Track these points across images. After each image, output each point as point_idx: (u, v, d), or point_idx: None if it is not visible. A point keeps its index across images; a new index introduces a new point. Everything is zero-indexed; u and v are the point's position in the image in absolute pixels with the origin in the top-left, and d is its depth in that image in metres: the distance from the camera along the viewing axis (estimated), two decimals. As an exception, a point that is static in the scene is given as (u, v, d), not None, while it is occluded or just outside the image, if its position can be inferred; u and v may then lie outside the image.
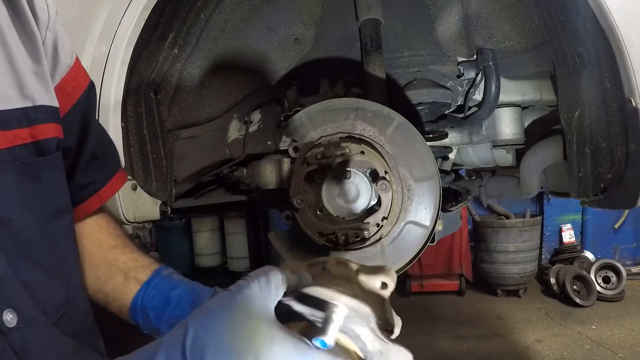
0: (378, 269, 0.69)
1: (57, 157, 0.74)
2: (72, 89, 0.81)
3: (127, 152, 1.35)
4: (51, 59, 0.77)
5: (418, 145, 1.42)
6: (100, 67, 1.31)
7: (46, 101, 0.71)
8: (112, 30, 1.30)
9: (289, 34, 1.73)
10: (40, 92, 0.70)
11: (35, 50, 0.72)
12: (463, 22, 1.75)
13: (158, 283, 0.84)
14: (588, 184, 1.47)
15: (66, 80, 0.80)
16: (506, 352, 4.08)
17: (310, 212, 1.38)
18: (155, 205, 1.44)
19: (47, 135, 0.71)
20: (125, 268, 0.87)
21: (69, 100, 0.80)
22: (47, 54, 0.75)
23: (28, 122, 0.68)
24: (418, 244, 1.42)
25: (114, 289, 0.86)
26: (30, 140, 0.68)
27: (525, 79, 1.95)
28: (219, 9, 1.55)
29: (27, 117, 0.67)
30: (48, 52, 0.76)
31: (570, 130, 1.53)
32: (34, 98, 0.69)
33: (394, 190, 1.37)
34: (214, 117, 1.70)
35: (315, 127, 1.45)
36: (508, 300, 5.46)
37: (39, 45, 0.73)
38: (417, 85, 1.84)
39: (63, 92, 0.78)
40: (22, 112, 0.67)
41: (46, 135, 0.70)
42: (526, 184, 2.20)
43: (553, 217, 6.33)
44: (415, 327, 4.63)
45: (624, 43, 1.16)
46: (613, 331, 4.37)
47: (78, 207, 0.86)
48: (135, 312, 0.83)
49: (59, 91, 0.76)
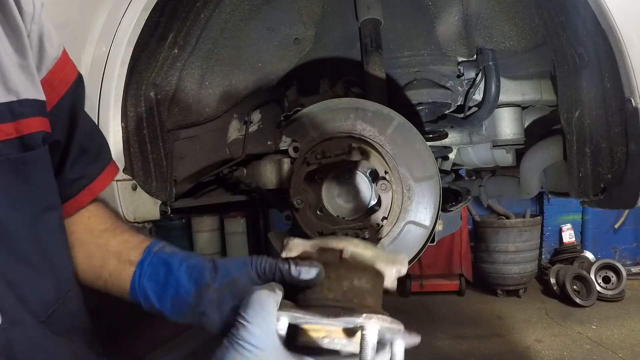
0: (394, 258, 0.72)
1: (44, 152, 0.73)
2: (59, 81, 0.80)
3: (127, 152, 1.35)
4: (37, 51, 0.75)
5: (418, 145, 1.42)
6: (100, 67, 1.31)
7: (31, 95, 0.70)
8: (112, 30, 1.30)
9: (289, 34, 1.73)
10: (25, 86, 0.69)
11: (19, 44, 0.71)
12: (463, 22, 1.74)
13: (151, 262, 0.81)
14: (588, 184, 1.47)
15: (53, 73, 0.78)
16: (506, 352, 4.08)
17: (310, 212, 1.38)
18: (155, 205, 1.44)
19: (33, 130, 0.69)
20: (117, 251, 0.85)
21: (56, 94, 0.79)
22: (32, 47, 0.74)
23: (12, 117, 0.67)
24: (418, 244, 1.42)
25: (111, 274, 0.84)
26: (15, 135, 0.67)
27: (525, 79, 1.95)
28: (219, 9, 1.55)
29: (12, 111, 0.67)
30: (33, 45, 0.74)
31: (570, 130, 1.53)
32: (19, 92, 0.68)
33: (394, 190, 1.37)
34: (214, 117, 1.69)
35: (315, 127, 1.45)
36: (508, 300, 5.46)
37: (24, 38, 0.71)
38: (417, 85, 1.84)
39: (50, 85, 0.77)
40: (6, 107, 0.66)
41: (31, 129, 0.69)
42: (526, 184, 2.20)
43: (553, 217, 6.33)
44: (415, 327, 4.60)
45: (624, 43, 1.16)
46: (613, 331, 4.37)
47: (69, 202, 0.84)
48: (135, 294, 0.81)
49: (45, 84, 0.75)
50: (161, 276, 0.79)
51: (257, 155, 1.66)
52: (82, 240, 0.87)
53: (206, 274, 0.76)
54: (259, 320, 0.59)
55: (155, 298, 0.78)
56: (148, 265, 0.81)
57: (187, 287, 0.76)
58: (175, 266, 0.78)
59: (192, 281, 0.77)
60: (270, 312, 0.61)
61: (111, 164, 0.94)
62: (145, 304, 0.80)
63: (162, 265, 0.80)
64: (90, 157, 0.88)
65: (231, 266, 0.76)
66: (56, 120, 0.78)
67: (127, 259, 0.83)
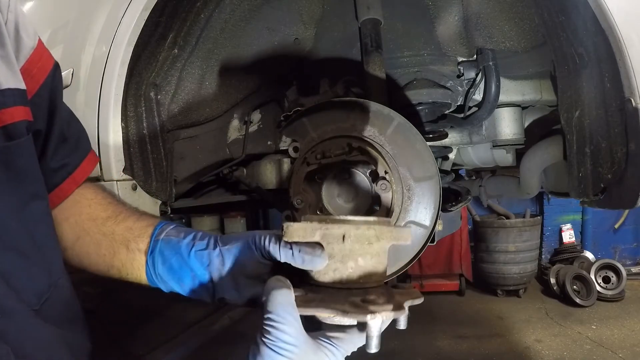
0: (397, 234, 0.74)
1: (28, 141, 0.73)
2: (38, 70, 0.79)
3: (127, 152, 1.35)
4: (14, 40, 0.75)
5: (418, 145, 1.42)
6: (100, 67, 1.31)
7: (12, 84, 0.70)
8: (112, 30, 1.30)
9: (289, 34, 1.73)
10: (5, 76, 0.69)
11: None
12: (463, 22, 1.74)
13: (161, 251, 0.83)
14: (588, 184, 1.47)
15: (31, 62, 0.78)
16: (506, 352, 4.08)
17: (310, 212, 1.38)
18: (155, 205, 1.44)
19: (16, 119, 0.69)
20: (124, 240, 0.86)
21: (35, 82, 0.78)
22: (9, 36, 0.73)
23: None
24: (418, 244, 1.42)
25: (124, 263, 0.85)
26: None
27: (525, 79, 1.95)
28: (219, 9, 1.55)
29: None
30: (11, 34, 0.74)
31: (570, 130, 1.53)
32: (0, 82, 0.67)
33: (394, 190, 1.37)
34: (214, 117, 1.69)
35: (315, 127, 1.45)
36: (508, 300, 5.46)
37: (2, 28, 0.71)
38: (417, 85, 1.84)
39: (28, 74, 0.77)
40: None
41: (15, 118, 0.69)
42: (526, 184, 2.20)
43: (553, 217, 6.34)
44: (415, 327, 4.63)
45: (624, 43, 1.16)
46: (613, 331, 4.37)
47: (53, 192, 0.85)
48: (153, 281, 0.84)
49: (24, 73, 0.75)
50: (175, 265, 0.81)
51: (257, 155, 1.66)
52: (87, 229, 0.87)
53: (215, 260, 0.79)
54: (290, 319, 0.62)
55: (176, 285, 0.82)
56: (159, 255, 0.83)
57: (202, 276, 0.80)
58: (185, 254, 0.81)
59: (204, 267, 0.80)
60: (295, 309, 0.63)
61: (91, 153, 0.94)
62: (166, 289, 0.84)
63: (173, 253, 0.82)
64: (71, 145, 0.88)
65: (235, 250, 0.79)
66: (37, 109, 0.78)
67: (136, 247, 0.84)
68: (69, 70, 1.39)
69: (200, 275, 0.80)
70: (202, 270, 0.80)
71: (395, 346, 4.12)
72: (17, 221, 0.69)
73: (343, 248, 0.70)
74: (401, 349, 4.10)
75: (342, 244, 0.70)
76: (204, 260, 0.80)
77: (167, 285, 0.83)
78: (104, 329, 3.60)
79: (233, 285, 0.79)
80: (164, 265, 0.82)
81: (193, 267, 0.80)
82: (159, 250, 0.83)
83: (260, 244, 0.76)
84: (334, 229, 0.70)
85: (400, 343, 4.18)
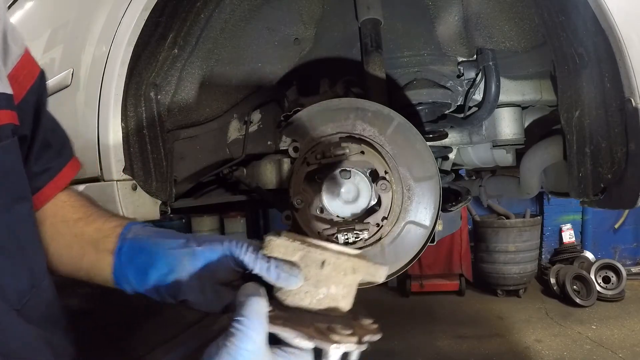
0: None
1: (14, 143, 0.73)
2: (24, 76, 0.80)
3: (127, 152, 1.35)
4: (2, 48, 0.76)
5: (418, 145, 1.42)
6: (100, 67, 1.31)
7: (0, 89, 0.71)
8: (112, 30, 1.30)
9: (289, 34, 1.73)
10: None
11: None
12: (463, 22, 1.74)
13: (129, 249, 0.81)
14: (588, 184, 1.47)
15: (18, 69, 0.79)
16: (506, 352, 4.08)
17: (310, 212, 1.38)
18: (155, 205, 1.44)
19: (2, 122, 0.70)
20: (93, 240, 0.85)
21: (22, 88, 0.79)
22: None
23: None
24: (418, 244, 1.42)
25: (91, 264, 0.84)
26: None
27: (525, 79, 1.95)
28: (219, 9, 1.55)
29: None
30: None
31: (570, 130, 1.53)
32: None
33: (394, 190, 1.37)
34: (214, 117, 1.69)
35: (315, 127, 1.45)
36: (508, 300, 5.46)
37: None
38: (417, 85, 1.84)
39: (16, 80, 0.78)
40: None
41: (2, 121, 0.70)
42: (526, 184, 2.20)
43: (553, 217, 6.34)
44: (415, 327, 4.63)
45: (624, 43, 1.16)
46: (613, 331, 4.37)
47: (35, 196, 0.85)
48: (119, 282, 0.82)
49: (11, 79, 0.76)
50: (140, 264, 0.79)
51: (257, 155, 1.66)
52: (60, 231, 0.87)
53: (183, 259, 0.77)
54: (259, 329, 0.61)
55: (140, 286, 0.80)
56: (126, 254, 0.81)
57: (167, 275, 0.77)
58: (154, 253, 0.79)
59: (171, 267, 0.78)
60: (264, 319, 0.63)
61: (73, 160, 0.94)
62: (131, 290, 0.82)
63: (140, 252, 0.80)
64: (54, 152, 0.89)
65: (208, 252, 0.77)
66: (23, 114, 0.78)
67: (105, 248, 0.83)
68: (69, 70, 1.39)
69: (166, 274, 0.78)
70: (168, 269, 0.78)
71: (395, 346, 4.12)
72: (2, 222, 0.69)
73: (319, 273, 0.71)
74: (401, 349, 4.11)
75: (319, 270, 0.71)
76: (171, 260, 0.78)
77: (131, 285, 0.81)
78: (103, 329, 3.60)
79: (199, 288, 0.77)
80: (130, 264, 0.80)
81: (159, 266, 0.78)
82: (125, 249, 0.81)
83: (236, 250, 0.75)
84: (316, 253, 0.71)
85: (400, 343, 4.18)
